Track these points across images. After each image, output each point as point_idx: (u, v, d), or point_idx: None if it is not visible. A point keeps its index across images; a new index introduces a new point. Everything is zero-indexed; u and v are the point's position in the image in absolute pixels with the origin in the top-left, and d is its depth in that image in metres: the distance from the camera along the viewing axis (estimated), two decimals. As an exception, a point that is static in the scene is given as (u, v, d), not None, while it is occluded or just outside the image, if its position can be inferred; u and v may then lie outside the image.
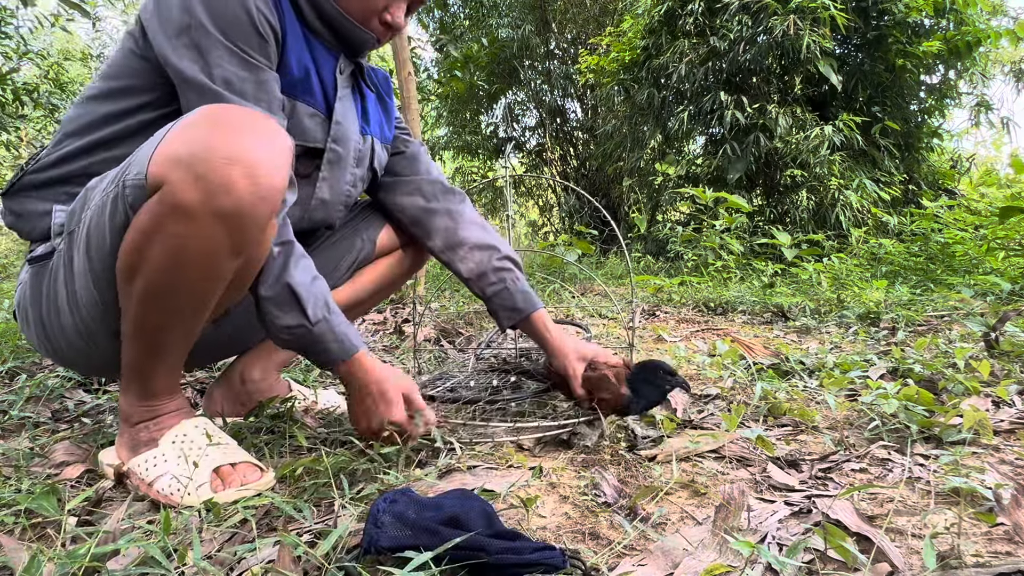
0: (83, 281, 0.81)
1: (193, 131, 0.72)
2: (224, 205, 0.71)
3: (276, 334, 0.88)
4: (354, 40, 1.01)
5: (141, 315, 0.79)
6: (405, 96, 2.83)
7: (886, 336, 1.82)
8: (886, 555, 0.62)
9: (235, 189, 0.71)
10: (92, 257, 0.78)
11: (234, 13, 0.84)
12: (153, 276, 0.75)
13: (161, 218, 0.72)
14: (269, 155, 0.74)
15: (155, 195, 0.72)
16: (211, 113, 0.74)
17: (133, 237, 0.74)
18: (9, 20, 5.80)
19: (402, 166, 1.21)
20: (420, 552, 0.59)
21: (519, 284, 1.14)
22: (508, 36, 7.37)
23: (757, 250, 4.14)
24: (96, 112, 0.90)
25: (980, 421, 0.94)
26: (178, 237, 0.73)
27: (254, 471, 0.86)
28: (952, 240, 3.32)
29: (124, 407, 0.88)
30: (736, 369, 1.42)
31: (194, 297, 0.80)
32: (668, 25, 5.34)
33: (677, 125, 5.14)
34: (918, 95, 5.16)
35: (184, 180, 0.70)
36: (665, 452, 0.94)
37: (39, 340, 0.92)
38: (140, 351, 0.84)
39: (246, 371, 1.16)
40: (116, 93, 0.89)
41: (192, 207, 0.71)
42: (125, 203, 0.73)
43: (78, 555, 0.61)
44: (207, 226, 0.72)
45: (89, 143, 0.89)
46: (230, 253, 0.76)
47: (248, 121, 0.74)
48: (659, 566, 0.63)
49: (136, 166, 0.73)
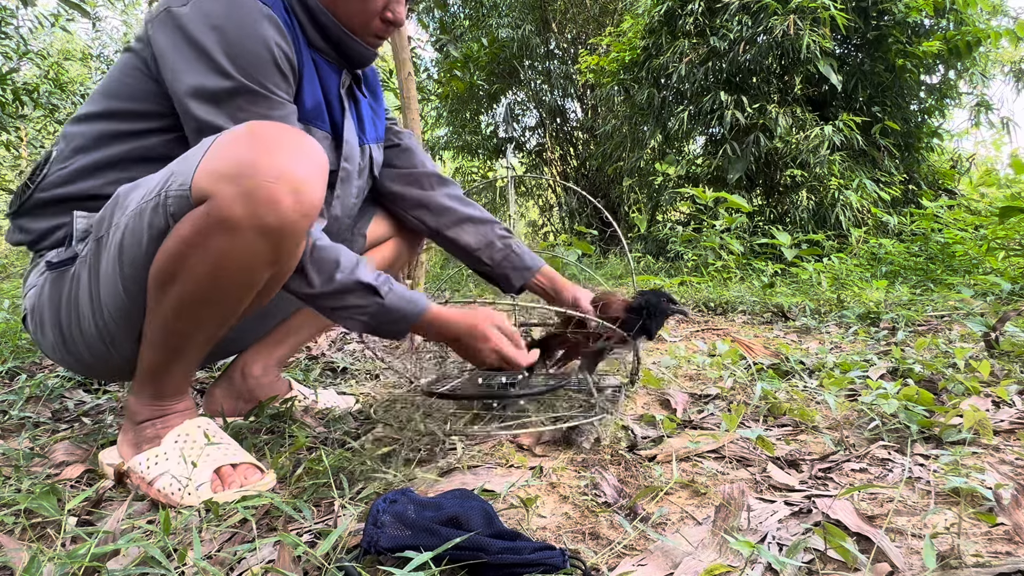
0: (111, 286, 0.81)
1: (238, 147, 0.74)
2: (269, 221, 0.74)
3: (351, 317, 0.92)
4: (357, 56, 1.02)
5: (170, 321, 0.81)
6: (405, 96, 2.83)
7: (886, 336, 1.82)
8: (886, 555, 0.62)
9: (280, 206, 0.74)
10: (124, 262, 0.79)
11: (255, 52, 0.84)
12: (190, 285, 0.77)
13: (205, 230, 0.74)
14: (311, 172, 0.77)
15: (200, 207, 0.73)
16: (255, 130, 0.76)
17: (173, 245, 0.75)
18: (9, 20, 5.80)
19: (401, 159, 1.23)
20: (420, 552, 0.59)
21: (522, 247, 1.26)
22: (508, 36, 7.38)
23: (757, 250, 4.14)
24: (107, 131, 0.89)
25: (980, 421, 0.94)
26: (220, 249, 0.75)
27: (254, 472, 0.86)
28: (952, 240, 3.31)
29: (133, 405, 0.89)
30: (736, 369, 1.42)
31: (226, 306, 0.82)
32: (668, 25, 5.34)
33: (677, 125, 5.14)
34: (918, 95, 5.16)
35: (231, 195, 0.72)
36: (665, 452, 0.94)
37: (54, 345, 0.91)
38: (161, 354, 0.85)
39: (247, 367, 1.17)
40: (129, 115, 0.89)
41: (238, 221, 0.73)
42: (167, 212, 0.75)
43: (78, 555, 0.61)
44: (250, 240, 0.75)
45: (101, 161, 0.89)
46: (268, 265, 0.79)
47: (291, 139, 0.76)
48: (659, 566, 0.63)
49: (180, 177, 0.75)
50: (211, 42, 0.82)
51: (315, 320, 1.23)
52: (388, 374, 1.61)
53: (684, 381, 1.40)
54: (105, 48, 11.21)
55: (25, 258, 6.13)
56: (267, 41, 0.85)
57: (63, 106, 7.14)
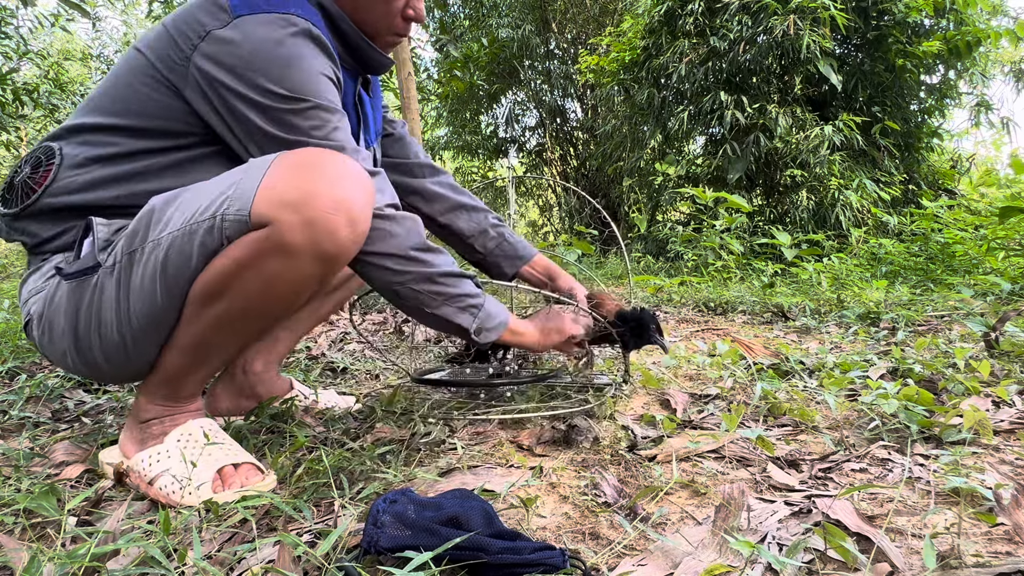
0: (146, 298, 0.80)
1: (299, 176, 0.76)
2: (328, 249, 0.78)
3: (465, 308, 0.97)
4: (375, 64, 1.03)
5: (208, 333, 0.82)
6: (405, 96, 2.83)
7: (886, 336, 1.82)
8: (886, 555, 0.62)
9: (338, 235, 0.78)
10: (168, 277, 0.78)
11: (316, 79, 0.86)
12: (238, 302, 0.79)
13: (262, 253, 0.76)
14: (364, 202, 0.81)
15: (259, 231, 0.76)
16: (314, 159, 0.78)
17: (226, 265, 0.77)
18: (9, 20, 5.80)
19: (394, 149, 1.24)
20: (420, 552, 0.59)
21: (515, 236, 1.28)
22: (508, 36, 7.38)
23: (757, 250, 4.14)
24: (134, 147, 0.88)
25: (980, 421, 0.94)
26: (274, 271, 0.78)
27: (255, 472, 0.86)
28: (952, 240, 3.31)
29: (142, 404, 0.89)
30: (736, 369, 1.42)
31: (266, 321, 0.85)
32: (668, 25, 5.34)
33: (677, 125, 5.14)
34: (918, 95, 5.16)
35: (293, 223, 0.75)
36: (665, 452, 0.94)
37: (65, 352, 0.89)
38: (189, 361, 0.85)
39: (248, 364, 1.17)
40: (151, 132, 0.88)
41: (298, 248, 0.76)
42: (223, 235, 0.76)
43: (78, 555, 0.61)
44: (306, 264, 0.78)
45: (123, 174, 0.88)
46: (316, 285, 0.83)
47: (345, 168, 0.79)
48: (659, 566, 0.63)
49: (237, 202, 0.76)
50: (264, 66, 0.83)
51: (309, 315, 1.23)
52: (388, 374, 1.61)
53: (684, 381, 1.40)
54: (105, 48, 11.21)
55: (25, 258, 6.12)
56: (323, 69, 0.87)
57: (63, 106, 7.14)
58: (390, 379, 1.56)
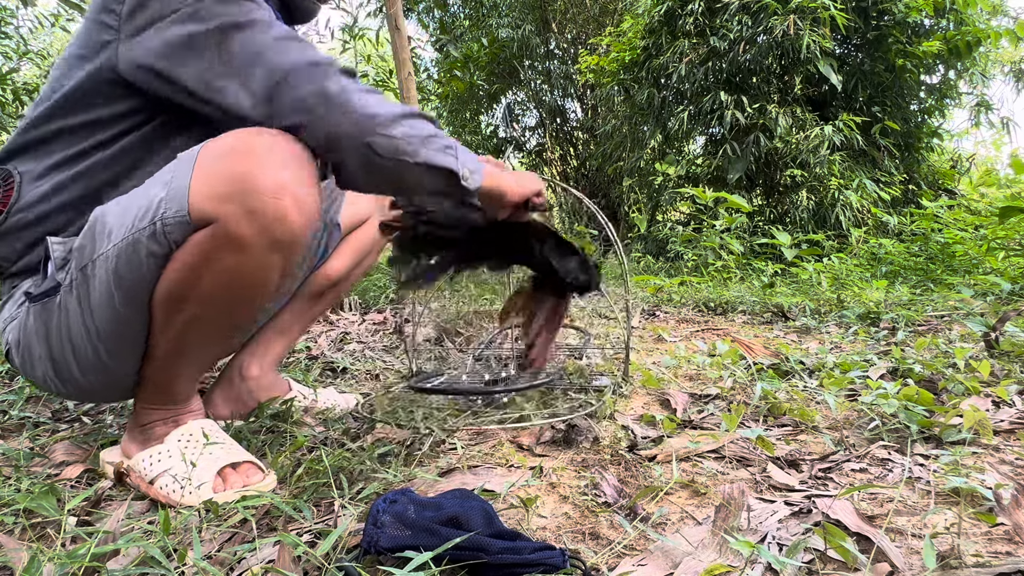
0: (106, 312, 0.78)
1: (231, 162, 0.72)
2: (280, 235, 0.74)
3: (441, 149, 0.82)
4: (302, 11, 1.01)
5: (184, 339, 0.81)
6: (405, 96, 2.83)
7: (886, 336, 1.81)
8: (886, 555, 0.62)
9: (288, 219, 0.74)
10: (123, 290, 0.76)
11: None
12: (202, 305, 0.77)
13: (213, 252, 0.73)
14: (306, 179, 0.76)
15: (204, 230, 0.72)
16: (241, 142, 0.73)
17: (179, 270, 0.74)
18: (9, 20, 5.80)
19: None
20: (420, 552, 0.59)
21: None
22: (508, 36, 7.37)
23: (757, 250, 4.14)
24: (77, 146, 0.86)
25: (980, 421, 0.94)
26: (231, 267, 0.75)
27: (256, 472, 0.86)
28: (952, 240, 3.31)
29: (139, 410, 0.89)
30: (736, 369, 1.42)
31: (239, 317, 0.83)
32: (668, 25, 5.34)
33: (677, 125, 5.13)
34: (918, 95, 5.16)
35: (237, 215, 0.71)
36: (665, 452, 0.94)
37: (46, 377, 0.88)
38: (171, 369, 0.85)
39: (244, 368, 1.16)
40: (93, 124, 0.86)
41: (248, 239, 0.73)
42: (167, 239, 0.73)
43: (78, 555, 0.61)
44: (261, 255, 0.75)
45: (78, 172, 0.87)
46: (279, 274, 0.80)
47: (279, 148, 0.74)
48: (659, 566, 0.63)
49: (174, 203, 0.72)
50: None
51: (303, 315, 1.22)
52: (388, 374, 1.61)
53: (684, 381, 1.40)
54: (105, 48, 11.19)
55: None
56: None
57: (63, 106, 7.12)
58: (390, 379, 1.56)
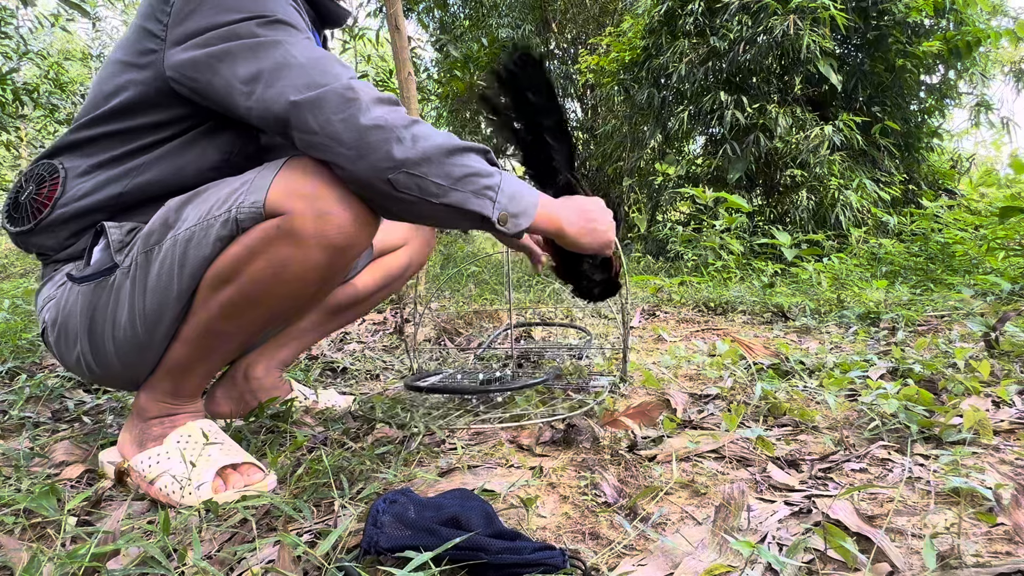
0: (161, 293, 0.82)
1: (311, 173, 0.78)
2: (337, 241, 0.80)
3: (479, 192, 0.80)
4: (334, 16, 1.03)
5: (214, 320, 0.83)
6: (405, 96, 2.83)
7: (886, 336, 1.81)
8: (886, 555, 0.62)
9: (347, 230, 0.80)
10: (186, 271, 0.80)
11: (284, 8, 0.83)
12: (245, 287, 0.80)
13: (273, 239, 0.78)
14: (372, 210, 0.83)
15: (272, 219, 0.77)
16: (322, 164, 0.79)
17: (237, 250, 0.79)
18: (9, 20, 5.80)
19: None
20: (420, 552, 0.59)
21: None
22: (508, 36, 7.38)
23: (757, 250, 4.14)
24: (123, 147, 0.89)
25: (980, 421, 0.94)
26: (282, 257, 0.79)
27: (256, 472, 0.86)
28: (952, 240, 3.31)
29: (143, 402, 0.89)
30: (736, 369, 1.42)
31: (271, 310, 0.85)
32: (668, 25, 5.34)
33: (677, 125, 5.14)
34: (918, 95, 5.16)
35: (306, 212, 0.77)
36: (665, 452, 0.94)
37: (80, 357, 0.90)
38: (193, 353, 0.86)
39: (250, 369, 1.17)
40: (140, 129, 0.89)
41: (307, 236, 0.78)
42: (237, 225, 0.78)
43: (78, 555, 0.61)
44: (312, 252, 0.79)
45: (122, 172, 0.89)
46: (320, 278, 0.83)
47: None
48: (659, 566, 0.63)
49: (252, 196, 0.78)
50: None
51: (319, 327, 1.23)
52: (388, 374, 1.61)
53: (684, 381, 1.40)
54: (105, 48, 11.20)
55: (25, 258, 6.13)
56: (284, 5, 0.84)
57: (63, 106, 7.14)
58: (390, 379, 1.56)
